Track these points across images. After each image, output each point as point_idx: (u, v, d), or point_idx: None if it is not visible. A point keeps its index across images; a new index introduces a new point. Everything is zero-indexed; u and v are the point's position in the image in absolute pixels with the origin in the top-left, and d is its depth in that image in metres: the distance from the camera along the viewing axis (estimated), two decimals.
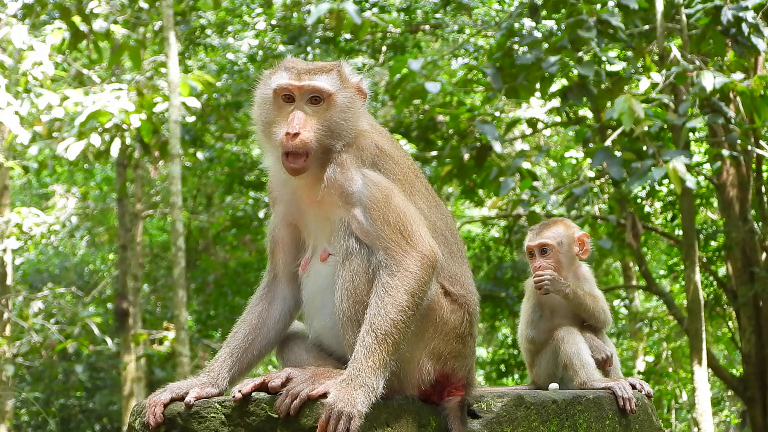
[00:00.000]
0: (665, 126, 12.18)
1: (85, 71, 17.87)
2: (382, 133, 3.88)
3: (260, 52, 19.29)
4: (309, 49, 18.79)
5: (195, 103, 14.66)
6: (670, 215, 17.54)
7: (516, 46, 12.26)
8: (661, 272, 21.78)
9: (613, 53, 14.79)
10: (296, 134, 3.63)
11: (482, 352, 22.76)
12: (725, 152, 11.92)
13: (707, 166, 15.75)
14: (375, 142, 3.77)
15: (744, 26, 10.97)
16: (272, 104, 3.74)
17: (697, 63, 11.60)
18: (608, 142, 11.62)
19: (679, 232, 16.00)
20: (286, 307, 3.94)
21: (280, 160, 3.69)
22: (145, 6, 16.45)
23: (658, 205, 17.89)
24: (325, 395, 3.42)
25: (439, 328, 3.69)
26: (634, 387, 4.40)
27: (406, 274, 3.55)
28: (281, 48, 19.02)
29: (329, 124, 3.69)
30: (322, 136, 3.68)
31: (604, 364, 4.69)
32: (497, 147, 12.49)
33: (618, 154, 11.19)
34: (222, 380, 3.73)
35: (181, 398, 3.63)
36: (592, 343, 4.73)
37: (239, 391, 3.53)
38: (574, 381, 4.51)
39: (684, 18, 11.90)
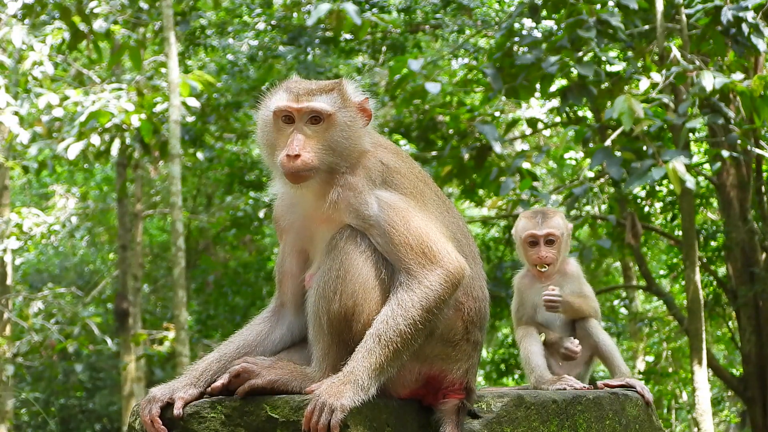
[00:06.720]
0: (665, 126, 12.18)
1: (85, 71, 17.86)
2: (386, 148, 3.85)
3: (260, 53, 19.28)
4: (309, 49, 18.78)
5: (195, 103, 14.66)
6: (670, 215, 17.54)
7: (516, 46, 12.25)
8: (661, 272, 21.78)
9: (613, 53, 14.79)
10: (297, 156, 3.61)
11: (482, 352, 22.72)
12: (725, 152, 11.91)
13: (707, 166, 15.74)
14: (379, 159, 3.74)
15: (744, 26, 10.96)
16: (273, 126, 3.73)
17: (697, 63, 11.59)
18: (608, 142, 11.61)
19: (679, 232, 16.00)
20: (289, 334, 3.92)
21: (283, 179, 3.70)
22: (145, 6, 16.45)
23: (658, 205, 17.89)
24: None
25: None
26: (633, 388, 4.40)
27: (426, 290, 3.55)
28: (281, 48, 19.01)
29: (330, 144, 3.68)
30: (324, 155, 3.66)
31: (569, 358, 4.76)
32: (497, 147, 12.49)
33: (618, 154, 11.18)
34: (203, 381, 3.71)
35: (168, 403, 3.63)
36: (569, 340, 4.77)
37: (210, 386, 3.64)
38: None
39: (684, 18, 11.89)
